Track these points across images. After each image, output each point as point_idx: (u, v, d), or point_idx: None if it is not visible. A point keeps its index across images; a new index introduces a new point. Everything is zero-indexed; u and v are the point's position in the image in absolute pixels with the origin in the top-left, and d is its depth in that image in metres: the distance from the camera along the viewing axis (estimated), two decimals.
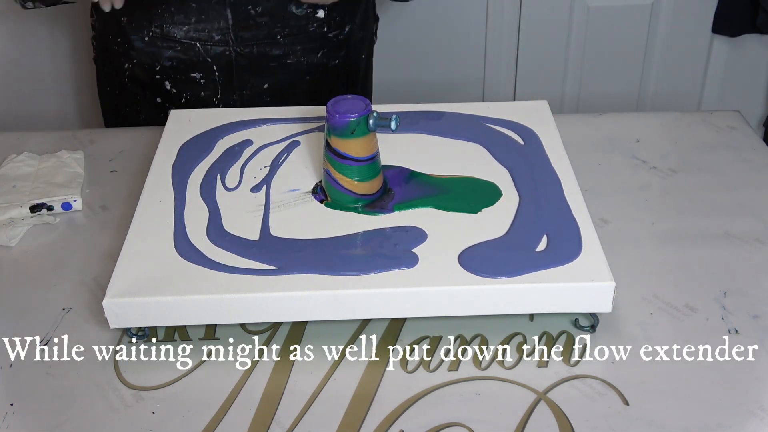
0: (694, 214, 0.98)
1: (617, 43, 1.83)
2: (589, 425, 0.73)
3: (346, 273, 0.79)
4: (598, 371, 0.78)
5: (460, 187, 0.91)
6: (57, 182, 1.02)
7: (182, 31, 1.15)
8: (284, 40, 1.17)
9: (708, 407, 0.75)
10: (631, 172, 1.05)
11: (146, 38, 1.16)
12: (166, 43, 1.16)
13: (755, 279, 0.88)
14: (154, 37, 1.16)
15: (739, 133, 1.12)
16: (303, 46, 1.19)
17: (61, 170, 1.05)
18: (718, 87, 1.90)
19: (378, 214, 0.88)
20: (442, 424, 0.74)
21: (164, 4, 1.13)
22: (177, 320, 0.79)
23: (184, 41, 1.15)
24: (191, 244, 0.84)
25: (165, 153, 0.99)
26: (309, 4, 1.14)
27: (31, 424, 0.75)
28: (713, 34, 1.83)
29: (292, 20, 1.16)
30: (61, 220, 0.99)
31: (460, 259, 0.81)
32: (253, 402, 0.76)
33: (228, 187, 0.93)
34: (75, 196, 1.00)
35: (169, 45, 1.15)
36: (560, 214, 0.86)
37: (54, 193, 1.00)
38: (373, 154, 0.89)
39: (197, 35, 1.15)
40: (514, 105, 1.08)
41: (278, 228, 0.86)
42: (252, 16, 1.14)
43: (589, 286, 0.78)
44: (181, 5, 1.13)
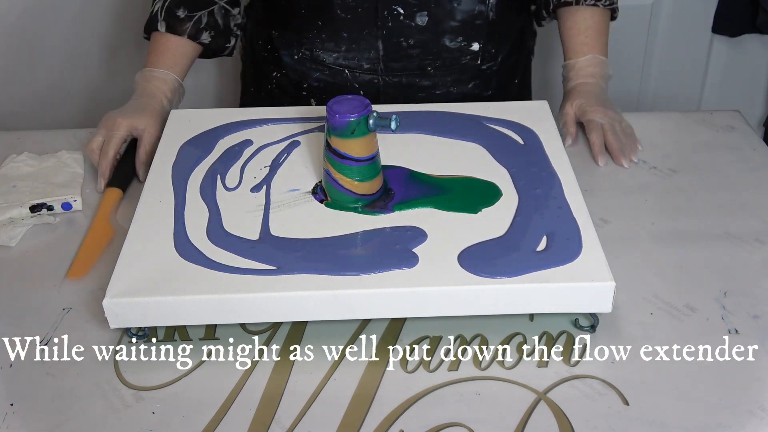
0: (694, 214, 0.97)
1: (617, 43, 1.83)
2: (589, 425, 0.73)
3: (346, 273, 0.79)
4: (598, 371, 0.78)
5: (460, 187, 0.91)
6: (57, 182, 1.02)
7: (332, 57, 1.13)
8: (435, 71, 1.14)
9: (708, 407, 0.75)
10: (631, 172, 1.05)
11: (295, 56, 1.16)
12: (314, 66, 1.15)
13: (755, 279, 0.88)
14: (303, 57, 1.15)
15: (739, 133, 1.12)
16: (454, 77, 1.16)
17: (62, 170, 1.05)
18: (718, 87, 1.90)
19: (378, 214, 0.88)
20: (442, 424, 0.74)
21: (315, 30, 1.12)
22: (177, 320, 0.79)
23: (332, 66, 1.14)
24: (191, 244, 0.84)
25: (165, 153, 0.98)
26: (464, 38, 1.12)
27: (31, 424, 0.75)
28: (713, 34, 1.83)
29: (445, 53, 1.13)
30: (61, 220, 0.99)
31: (459, 259, 0.81)
32: (253, 402, 0.76)
33: (228, 187, 0.93)
34: (75, 196, 1.00)
35: (318, 68, 1.13)
36: (560, 214, 0.86)
37: (54, 193, 1.00)
38: (373, 154, 0.89)
39: (346, 63, 1.14)
40: (514, 105, 1.08)
41: (278, 228, 0.86)
42: (404, 48, 1.11)
43: (589, 286, 0.78)
44: (332, 34, 1.11)
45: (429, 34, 1.11)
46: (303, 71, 1.16)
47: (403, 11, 1.08)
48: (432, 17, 1.09)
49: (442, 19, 1.09)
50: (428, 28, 1.10)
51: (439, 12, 1.09)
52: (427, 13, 1.08)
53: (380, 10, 1.08)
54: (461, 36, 1.11)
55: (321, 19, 1.10)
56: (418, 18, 1.08)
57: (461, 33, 1.08)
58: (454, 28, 1.10)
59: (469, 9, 1.09)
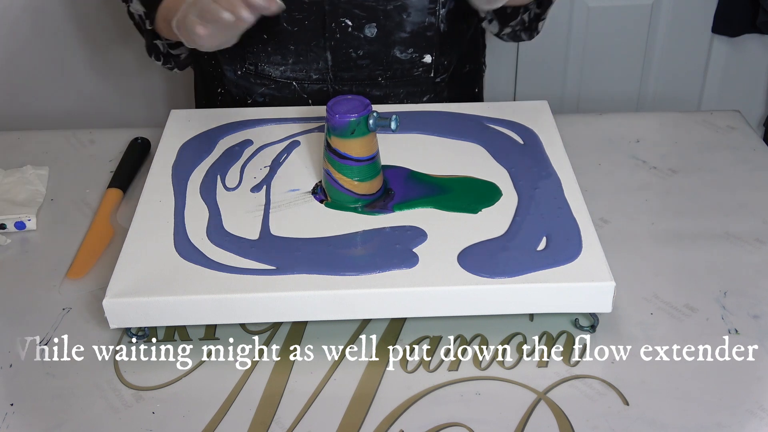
0: (694, 214, 0.98)
1: (617, 43, 1.83)
2: (589, 425, 0.73)
3: (345, 273, 0.79)
4: (598, 371, 0.78)
5: (460, 187, 0.91)
6: (16, 200, 1.00)
7: (278, 70, 1.10)
8: (386, 82, 1.11)
9: (708, 407, 0.75)
10: (631, 172, 1.05)
11: (239, 71, 1.12)
12: (259, 80, 1.11)
13: (755, 279, 0.88)
14: (247, 72, 1.11)
15: (739, 133, 1.12)
16: (406, 90, 1.13)
17: (23, 187, 1.03)
18: (718, 87, 1.90)
19: (378, 214, 0.88)
20: (442, 424, 0.74)
21: (261, 43, 1.08)
22: (177, 320, 0.79)
23: (279, 80, 1.11)
24: (191, 244, 0.84)
25: (165, 153, 0.98)
26: (415, 50, 1.08)
27: (31, 424, 0.75)
28: (713, 34, 1.83)
29: (396, 64, 1.10)
30: (62, 220, 0.99)
31: (459, 259, 0.81)
32: (253, 402, 0.76)
33: (228, 187, 0.93)
34: (30, 215, 0.97)
35: (263, 82, 1.08)
36: (560, 214, 0.86)
37: (10, 211, 0.98)
38: (373, 154, 0.89)
39: (294, 75, 1.10)
40: (514, 105, 1.07)
41: (278, 228, 0.86)
42: (353, 59, 1.08)
43: (589, 286, 0.78)
44: (279, 47, 1.08)
45: (378, 45, 1.08)
46: (247, 87, 1.13)
47: (351, 23, 1.05)
48: (381, 29, 1.06)
49: (391, 31, 1.07)
50: (378, 39, 1.07)
51: (388, 24, 1.06)
52: (376, 25, 1.06)
53: (328, 22, 1.05)
54: (412, 47, 1.08)
55: (266, 32, 1.07)
56: (366, 29, 1.06)
57: (412, 45, 1.04)
58: (404, 40, 1.08)
59: (419, 21, 1.07)
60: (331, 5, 1.04)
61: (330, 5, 1.04)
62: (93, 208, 1.01)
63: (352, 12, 1.05)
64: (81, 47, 1.76)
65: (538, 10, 1.10)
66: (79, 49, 1.76)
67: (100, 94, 1.82)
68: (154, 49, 1.11)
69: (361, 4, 1.04)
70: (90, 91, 1.81)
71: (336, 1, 1.03)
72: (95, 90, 1.81)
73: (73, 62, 1.78)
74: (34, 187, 1.03)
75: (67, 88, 1.80)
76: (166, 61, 1.13)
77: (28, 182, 1.04)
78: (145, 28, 1.09)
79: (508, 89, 1.90)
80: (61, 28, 1.73)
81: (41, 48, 1.75)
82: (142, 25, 1.09)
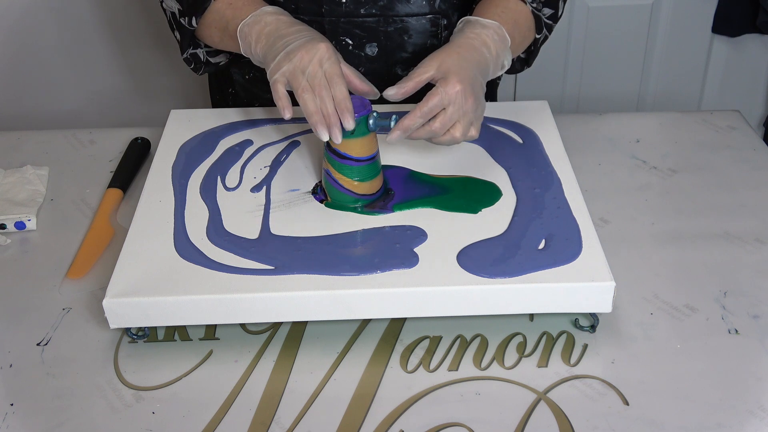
0: (694, 214, 0.98)
1: (617, 43, 1.83)
2: (589, 425, 0.73)
3: (345, 273, 0.79)
4: (598, 371, 0.78)
5: (460, 187, 0.92)
6: (16, 200, 1.00)
7: None
8: None
9: (708, 407, 0.75)
10: (631, 172, 1.05)
11: (246, 76, 1.14)
12: (265, 87, 1.05)
13: (755, 279, 0.88)
14: (254, 78, 1.13)
15: (739, 133, 1.12)
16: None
17: (23, 187, 1.03)
18: (718, 87, 1.90)
19: (378, 214, 0.88)
20: (442, 424, 0.74)
21: None
22: (177, 320, 0.79)
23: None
24: (191, 244, 0.84)
25: (165, 153, 0.98)
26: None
27: (31, 424, 0.75)
28: (713, 34, 1.83)
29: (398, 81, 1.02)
30: (62, 220, 0.99)
31: (459, 259, 0.81)
32: (253, 402, 0.76)
33: (228, 187, 0.93)
34: (30, 215, 0.98)
35: (268, 89, 1.01)
36: (560, 214, 0.86)
37: (10, 211, 0.98)
38: (373, 154, 0.89)
39: None
40: (514, 105, 1.08)
41: (278, 228, 0.86)
42: None
43: (589, 286, 0.78)
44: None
45: (380, 64, 1.08)
46: (254, 92, 1.14)
47: (352, 42, 1.06)
48: (382, 48, 1.07)
49: (393, 51, 1.07)
50: (379, 58, 1.07)
51: (389, 44, 1.07)
52: (377, 45, 1.06)
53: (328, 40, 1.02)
54: (414, 66, 1.00)
55: None
56: (367, 48, 1.06)
57: (414, 64, 1.01)
58: (405, 59, 1.08)
59: (421, 42, 1.07)
60: (331, 24, 1.04)
61: (330, 24, 1.04)
62: (93, 208, 1.01)
63: (352, 32, 1.05)
64: (81, 47, 1.76)
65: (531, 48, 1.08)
66: (79, 50, 1.76)
67: (100, 94, 1.82)
68: (194, 59, 1.09)
69: (361, 24, 1.04)
70: (90, 91, 1.81)
71: (336, 21, 1.04)
72: (95, 90, 1.81)
73: (73, 62, 1.78)
74: (34, 187, 1.03)
75: (67, 88, 1.80)
76: (198, 67, 1.11)
77: (28, 182, 1.04)
78: (179, 26, 1.05)
79: (508, 89, 1.90)
80: (62, 28, 1.73)
81: (41, 48, 1.75)
82: (174, 22, 1.07)
